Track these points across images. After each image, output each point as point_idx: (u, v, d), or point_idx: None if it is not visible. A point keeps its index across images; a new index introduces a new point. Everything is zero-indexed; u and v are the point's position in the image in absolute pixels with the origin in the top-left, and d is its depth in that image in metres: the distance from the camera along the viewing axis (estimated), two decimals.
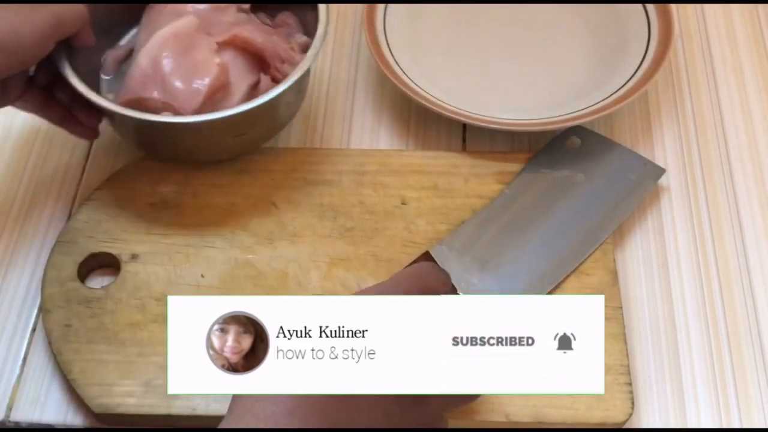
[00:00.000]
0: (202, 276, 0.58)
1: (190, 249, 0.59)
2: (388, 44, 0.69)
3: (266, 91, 0.59)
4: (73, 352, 0.55)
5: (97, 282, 0.60)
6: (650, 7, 0.71)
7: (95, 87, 0.61)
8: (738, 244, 0.62)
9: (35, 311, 0.59)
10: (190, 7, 0.63)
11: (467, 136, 0.69)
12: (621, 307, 0.57)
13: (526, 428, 0.53)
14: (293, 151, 0.66)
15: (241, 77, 0.62)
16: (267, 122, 0.63)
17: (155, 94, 0.59)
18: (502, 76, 0.71)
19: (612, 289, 0.58)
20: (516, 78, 0.71)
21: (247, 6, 0.66)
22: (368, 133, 0.69)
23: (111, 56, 0.66)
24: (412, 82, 0.67)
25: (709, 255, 0.62)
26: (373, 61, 0.68)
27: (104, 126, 0.70)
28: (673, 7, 0.70)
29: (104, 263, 0.60)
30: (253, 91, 0.62)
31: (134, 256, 0.59)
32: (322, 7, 0.63)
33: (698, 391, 0.56)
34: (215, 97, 0.60)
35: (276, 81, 0.61)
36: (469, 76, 0.71)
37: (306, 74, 0.61)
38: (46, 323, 0.56)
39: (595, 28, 0.73)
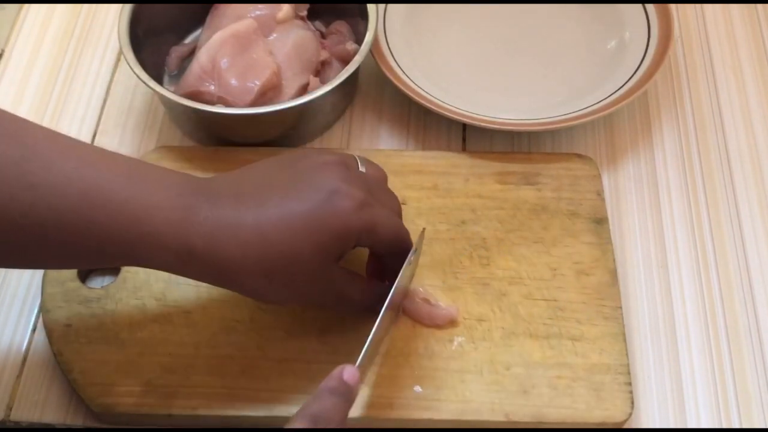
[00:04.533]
0: None
1: None
2: (388, 44, 0.69)
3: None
4: (74, 352, 0.55)
5: (97, 282, 0.60)
6: (650, 7, 0.71)
7: (158, 80, 0.67)
8: (738, 244, 0.62)
9: (35, 311, 0.59)
10: (250, 11, 0.68)
11: (467, 136, 0.69)
12: (621, 307, 0.57)
13: (526, 428, 0.53)
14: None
15: (294, 78, 0.66)
16: (314, 120, 0.67)
17: (211, 89, 0.64)
18: (502, 76, 0.71)
19: (612, 289, 0.58)
20: (516, 78, 0.71)
21: (304, 13, 0.70)
22: (368, 133, 0.69)
23: (175, 53, 0.71)
24: (412, 82, 0.67)
25: (709, 255, 0.62)
26: (373, 61, 0.68)
27: (106, 126, 0.70)
28: (672, 7, 0.70)
29: None
30: (303, 91, 0.66)
31: None
32: (372, 17, 0.66)
33: (698, 391, 0.56)
34: (267, 95, 0.65)
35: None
36: (469, 76, 0.71)
37: (350, 78, 0.64)
38: (47, 323, 0.56)
39: (595, 28, 0.73)
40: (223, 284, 0.49)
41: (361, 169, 0.53)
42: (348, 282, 0.51)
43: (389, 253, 0.53)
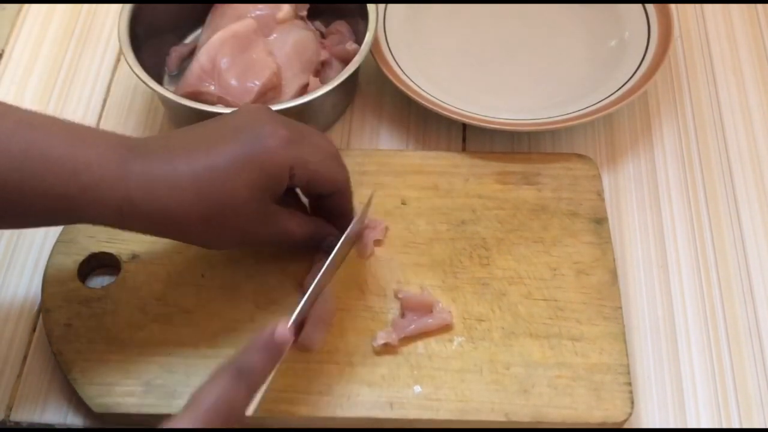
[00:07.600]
0: (202, 276, 0.58)
1: (190, 249, 0.59)
2: (388, 44, 0.70)
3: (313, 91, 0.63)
4: (74, 351, 0.55)
5: (97, 282, 0.60)
6: (650, 7, 0.71)
7: (158, 80, 0.66)
8: (738, 244, 0.62)
9: (35, 311, 0.60)
10: (250, 11, 0.68)
11: (467, 136, 0.69)
12: (621, 307, 0.57)
13: (526, 428, 0.53)
14: None
15: (294, 78, 0.66)
16: (314, 120, 0.66)
17: (212, 89, 0.64)
18: (502, 76, 0.71)
19: (612, 289, 0.58)
20: (516, 78, 0.71)
21: (304, 13, 0.70)
22: (368, 133, 0.69)
23: (175, 53, 0.71)
24: (412, 82, 0.67)
25: (709, 255, 0.62)
26: (373, 61, 0.68)
27: (106, 126, 0.70)
28: (672, 7, 0.70)
29: (104, 263, 0.60)
30: (303, 91, 0.66)
31: (134, 256, 0.59)
32: (372, 17, 0.66)
33: (698, 391, 0.56)
34: (267, 95, 0.65)
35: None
36: (469, 76, 0.71)
37: (350, 78, 0.64)
38: (47, 323, 0.56)
39: (595, 28, 0.73)
40: (166, 233, 0.50)
41: None
42: (287, 218, 0.53)
43: (327, 192, 0.54)
